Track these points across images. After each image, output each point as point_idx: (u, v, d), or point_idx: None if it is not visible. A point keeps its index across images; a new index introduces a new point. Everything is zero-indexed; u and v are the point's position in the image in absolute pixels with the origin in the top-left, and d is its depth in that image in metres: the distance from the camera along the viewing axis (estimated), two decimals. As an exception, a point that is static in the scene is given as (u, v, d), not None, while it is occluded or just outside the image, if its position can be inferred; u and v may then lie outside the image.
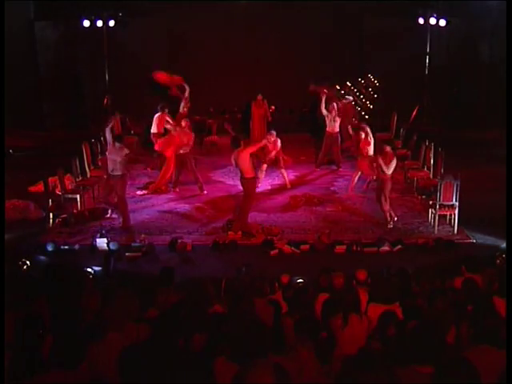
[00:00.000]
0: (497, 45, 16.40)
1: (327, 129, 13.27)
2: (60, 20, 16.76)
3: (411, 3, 16.23)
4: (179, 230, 10.29)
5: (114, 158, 10.18)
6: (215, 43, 16.75)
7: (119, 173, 10.23)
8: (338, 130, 13.24)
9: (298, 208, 11.29)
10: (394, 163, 10.17)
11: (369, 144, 11.74)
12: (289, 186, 12.37)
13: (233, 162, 10.11)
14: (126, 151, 10.28)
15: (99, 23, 16.22)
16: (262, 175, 12.31)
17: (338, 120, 13.21)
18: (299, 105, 17.20)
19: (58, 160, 11.89)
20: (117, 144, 10.26)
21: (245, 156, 9.91)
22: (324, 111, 13.18)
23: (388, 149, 10.33)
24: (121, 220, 10.41)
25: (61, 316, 4.84)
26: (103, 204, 11.01)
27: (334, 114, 13.15)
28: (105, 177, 11.10)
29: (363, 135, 11.80)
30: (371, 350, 4.09)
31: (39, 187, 11.44)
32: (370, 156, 11.50)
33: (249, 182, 10.09)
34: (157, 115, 12.92)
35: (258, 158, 12.06)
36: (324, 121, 13.44)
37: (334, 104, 13.35)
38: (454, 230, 10.11)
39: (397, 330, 4.56)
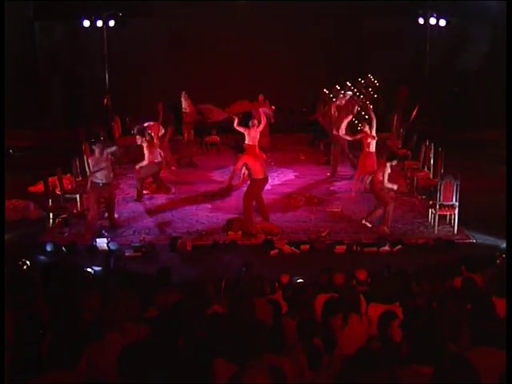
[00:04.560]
0: (497, 45, 16.39)
1: (333, 132, 13.18)
2: (60, 20, 16.75)
3: (411, 3, 16.22)
4: (179, 230, 10.30)
5: (106, 165, 10.08)
6: (215, 43, 16.74)
7: (110, 180, 10.25)
8: (344, 132, 13.13)
9: (298, 208, 11.29)
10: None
11: (373, 138, 11.58)
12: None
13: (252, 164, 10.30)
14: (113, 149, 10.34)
15: (99, 23, 16.21)
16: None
17: (345, 122, 13.08)
18: (299, 105, 17.20)
19: (57, 160, 11.89)
20: (108, 150, 10.24)
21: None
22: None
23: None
24: (111, 220, 10.43)
25: (61, 316, 4.84)
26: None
27: (340, 116, 13.07)
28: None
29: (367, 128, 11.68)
30: (371, 350, 4.09)
31: (39, 187, 11.44)
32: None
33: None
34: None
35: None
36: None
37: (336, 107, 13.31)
38: (454, 230, 10.12)
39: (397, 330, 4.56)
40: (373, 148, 11.61)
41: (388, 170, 9.97)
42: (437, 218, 10.14)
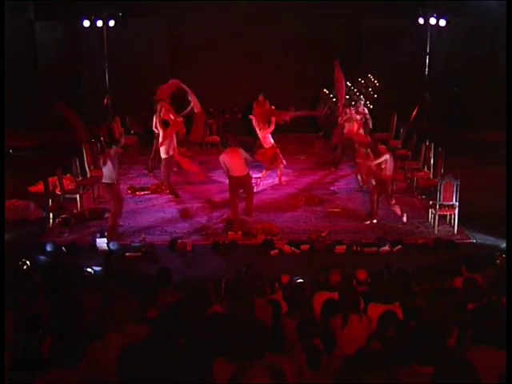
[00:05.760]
0: (497, 45, 16.39)
1: (344, 130, 13.19)
2: (60, 20, 16.75)
3: (411, 3, 16.22)
4: (179, 230, 10.30)
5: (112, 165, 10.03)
6: (215, 43, 16.74)
7: (115, 180, 10.26)
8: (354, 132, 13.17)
9: (298, 208, 11.30)
10: (383, 158, 10.37)
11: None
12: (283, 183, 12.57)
13: (226, 163, 10.42)
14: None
15: (99, 23, 16.21)
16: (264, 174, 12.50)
17: (355, 123, 13.10)
18: (299, 105, 17.18)
19: (57, 160, 11.89)
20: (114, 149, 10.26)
21: (241, 153, 10.42)
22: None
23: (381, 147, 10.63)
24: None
25: (61, 316, 4.84)
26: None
27: (349, 116, 13.09)
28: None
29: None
30: (371, 350, 4.09)
31: (39, 187, 11.44)
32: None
33: (248, 177, 10.59)
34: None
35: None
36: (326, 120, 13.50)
37: (350, 108, 13.35)
38: (454, 230, 10.12)
39: (397, 330, 4.56)
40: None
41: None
42: (437, 218, 10.14)
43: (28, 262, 8.01)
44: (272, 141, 12.42)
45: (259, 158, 12.55)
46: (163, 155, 11.77)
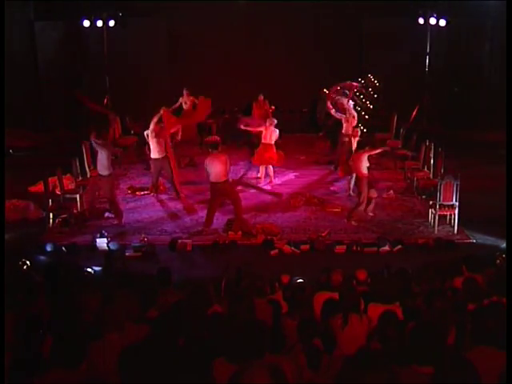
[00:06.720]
0: (497, 45, 16.39)
1: (342, 131, 13.16)
2: (60, 20, 16.75)
3: (411, 3, 16.22)
4: (179, 230, 10.30)
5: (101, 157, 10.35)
6: (215, 43, 16.74)
7: (108, 172, 10.33)
8: (350, 131, 13.11)
9: (298, 208, 11.29)
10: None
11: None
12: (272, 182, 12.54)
13: (207, 167, 9.97)
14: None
15: (99, 23, 16.21)
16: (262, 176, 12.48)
17: (352, 121, 13.01)
18: (299, 105, 17.20)
19: (57, 160, 11.89)
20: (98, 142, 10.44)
21: (224, 160, 9.97)
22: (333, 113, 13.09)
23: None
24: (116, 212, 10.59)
25: (61, 316, 4.84)
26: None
27: (346, 115, 13.03)
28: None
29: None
30: (371, 350, 4.09)
31: (39, 187, 11.43)
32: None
33: (227, 184, 10.15)
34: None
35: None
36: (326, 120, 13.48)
37: (346, 105, 13.30)
38: (454, 230, 10.12)
39: (397, 330, 4.56)
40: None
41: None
42: (437, 218, 10.14)
43: (28, 262, 8.01)
44: (273, 138, 12.37)
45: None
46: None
